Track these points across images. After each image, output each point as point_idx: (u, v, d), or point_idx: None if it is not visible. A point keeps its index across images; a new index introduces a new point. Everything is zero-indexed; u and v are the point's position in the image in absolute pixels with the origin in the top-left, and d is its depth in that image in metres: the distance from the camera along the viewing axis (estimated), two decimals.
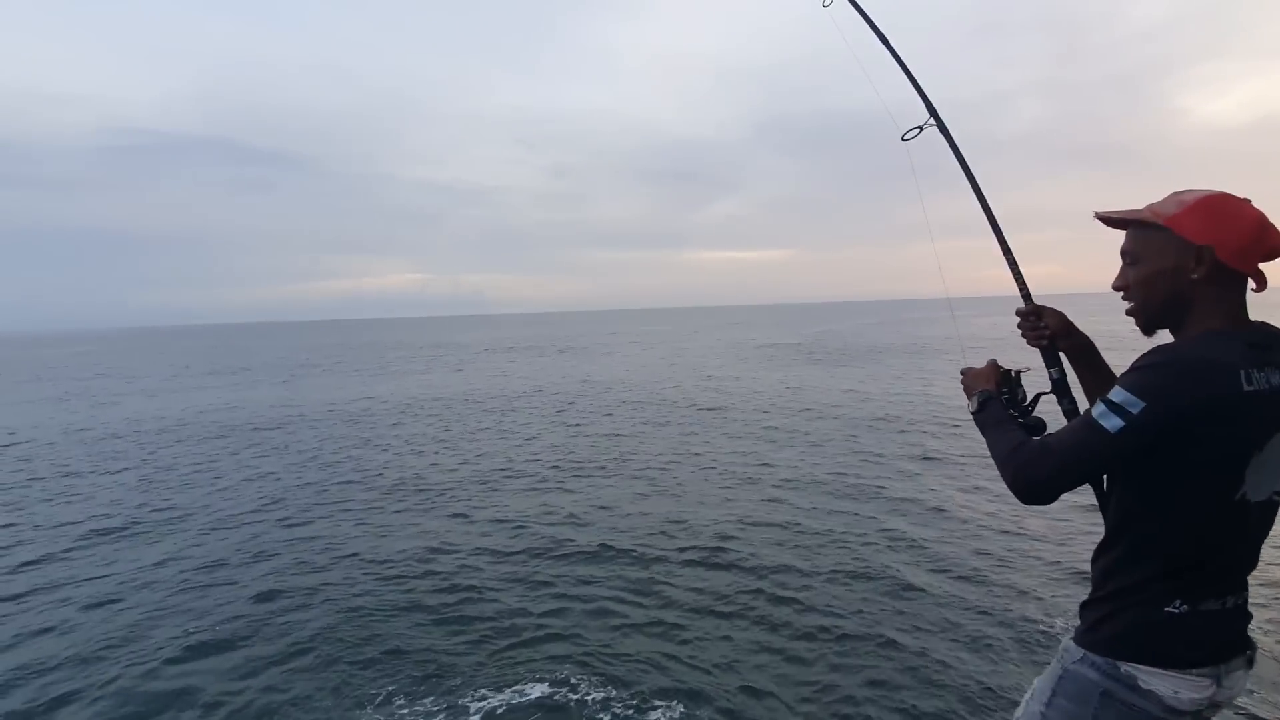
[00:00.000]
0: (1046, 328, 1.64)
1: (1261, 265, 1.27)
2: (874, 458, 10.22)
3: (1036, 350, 1.69)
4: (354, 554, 6.92)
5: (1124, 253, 1.38)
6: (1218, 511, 1.22)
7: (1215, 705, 1.30)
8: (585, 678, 4.52)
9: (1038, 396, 1.60)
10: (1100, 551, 1.37)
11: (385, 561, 6.66)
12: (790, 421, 13.73)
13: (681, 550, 6.68)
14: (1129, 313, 1.39)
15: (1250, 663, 1.33)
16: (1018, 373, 1.62)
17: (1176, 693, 1.25)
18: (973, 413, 1.54)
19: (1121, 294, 1.40)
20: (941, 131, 1.91)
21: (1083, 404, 1.56)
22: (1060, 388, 1.64)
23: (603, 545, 6.88)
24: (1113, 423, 1.18)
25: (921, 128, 1.92)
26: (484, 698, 4.32)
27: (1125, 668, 1.27)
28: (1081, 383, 1.64)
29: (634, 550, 6.72)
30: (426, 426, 14.94)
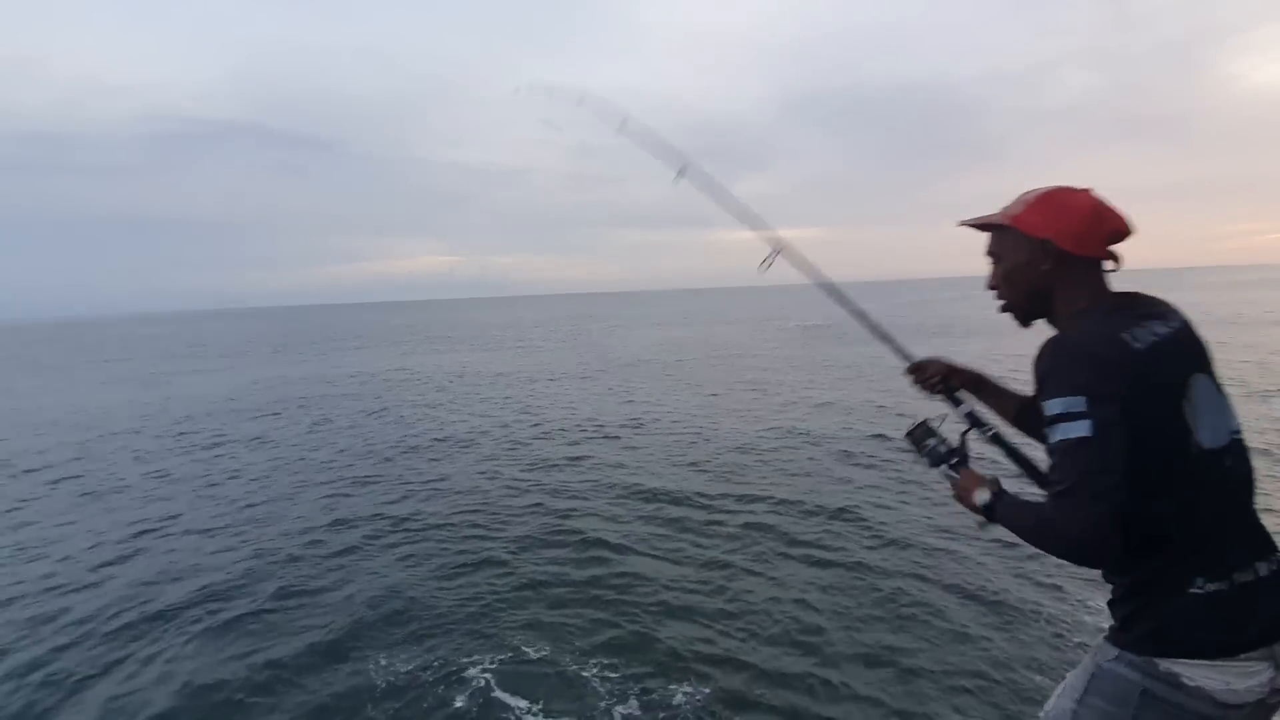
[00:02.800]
0: (934, 376, 1.75)
1: (1114, 246, 1.33)
2: (884, 443, 9.94)
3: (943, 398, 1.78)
4: (388, 516, 7.36)
5: (988, 254, 1.47)
6: (1184, 469, 1.20)
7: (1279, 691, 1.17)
8: (596, 645, 4.55)
9: (964, 435, 1.65)
10: None
11: (418, 522, 7.09)
12: (793, 402, 13.62)
13: (693, 515, 7.00)
14: (1002, 310, 1.48)
15: None
16: (939, 420, 1.68)
17: (1228, 684, 1.14)
18: (990, 520, 1.42)
19: (994, 293, 1.48)
20: (784, 257, 2.11)
21: (1001, 428, 1.68)
22: (974, 419, 1.71)
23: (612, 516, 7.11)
24: (1083, 428, 1.16)
25: (771, 258, 2.09)
26: (503, 659, 4.44)
27: (1165, 665, 1.19)
28: (992, 409, 1.72)
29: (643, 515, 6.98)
30: (475, 398, 15.71)
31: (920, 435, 1.65)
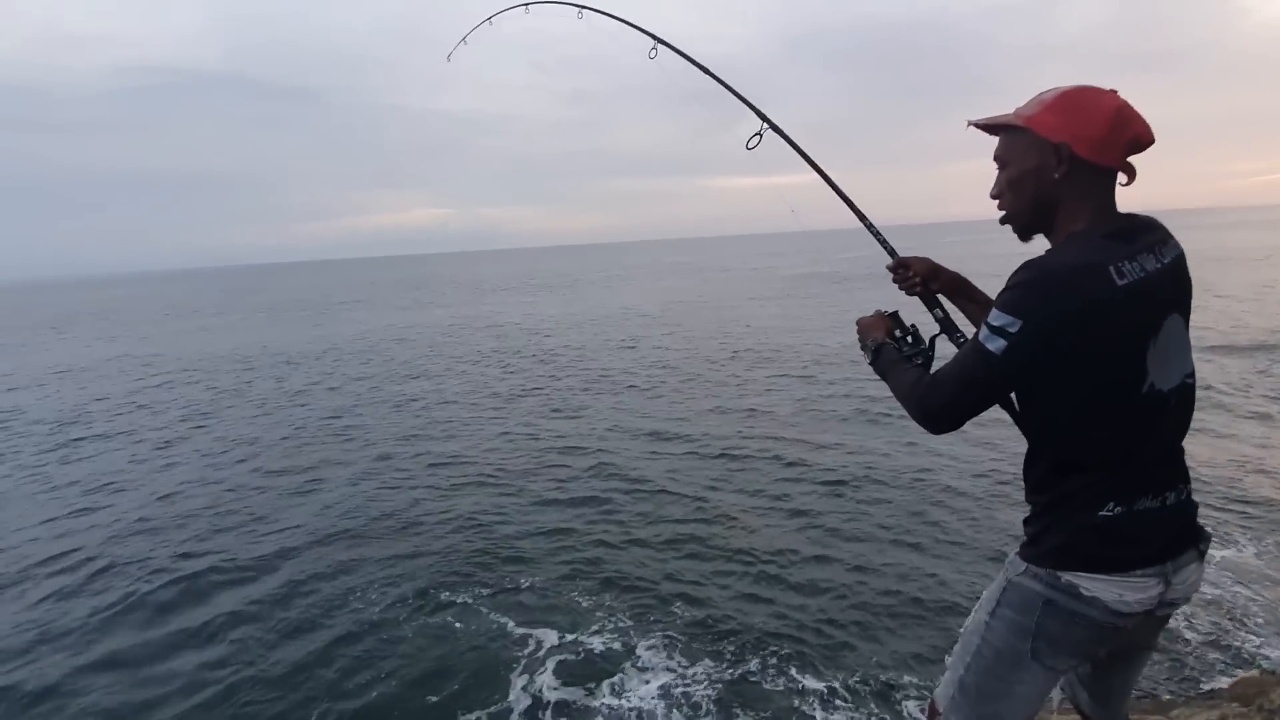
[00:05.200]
0: (916, 275, 1.70)
1: (1132, 158, 1.24)
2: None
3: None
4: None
5: (996, 159, 1.37)
6: (1130, 408, 1.21)
7: (1169, 604, 1.29)
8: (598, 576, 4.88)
9: (934, 339, 1.66)
10: (1028, 468, 1.36)
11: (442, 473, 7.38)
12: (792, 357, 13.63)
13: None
14: (1003, 220, 1.39)
15: (1202, 555, 1.31)
16: (914, 325, 1.66)
17: (1121, 596, 1.23)
18: (870, 363, 1.57)
19: (997, 202, 1.38)
20: (777, 133, 2.02)
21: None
22: (947, 325, 1.69)
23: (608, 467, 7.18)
24: (996, 345, 1.19)
25: (760, 134, 2.00)
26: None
27: (1066, 577, 1.26)
28: (965, 315, 1.70)
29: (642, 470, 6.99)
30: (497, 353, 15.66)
31: (889, 328, 1.64)
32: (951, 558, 4.97)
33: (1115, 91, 1.23)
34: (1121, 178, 1.25)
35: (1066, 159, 1.22)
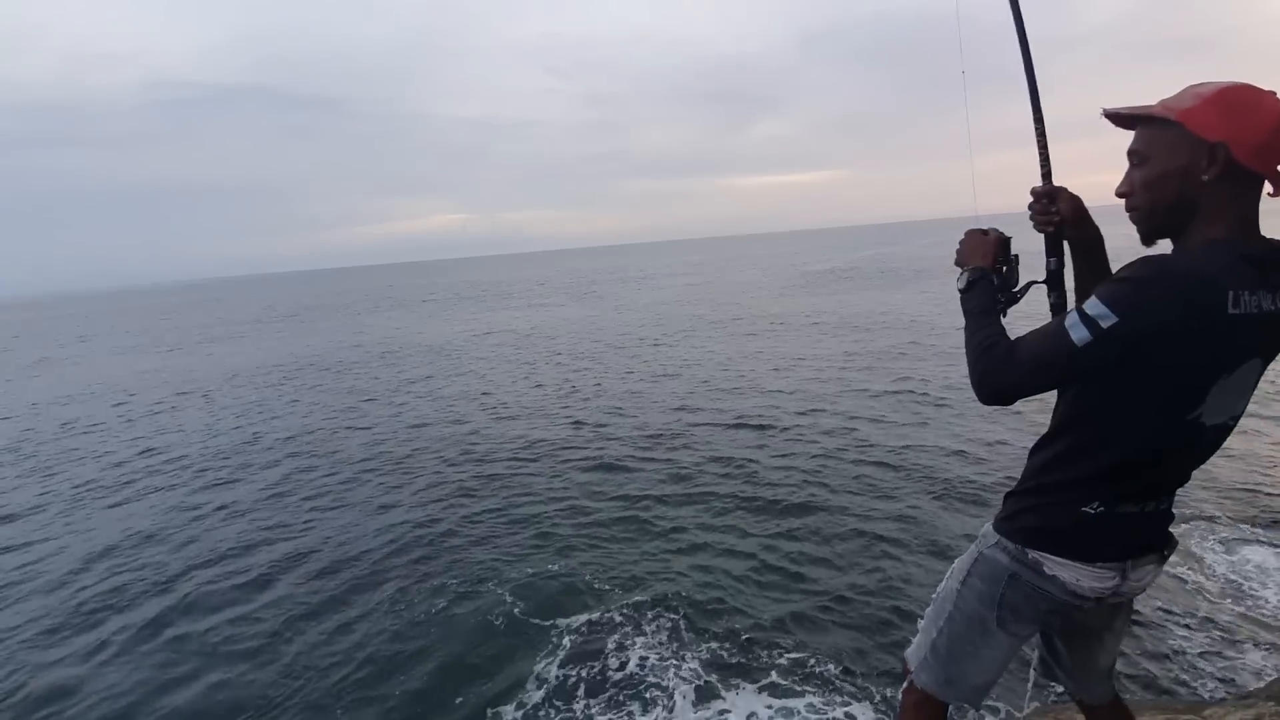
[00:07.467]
0: (1058, 213, 1.47)
1: None
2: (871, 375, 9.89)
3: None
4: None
5: (1131, 153, 1.26)
6: (1169, 429, 1.20)
7: (1120, 595, 1.34)
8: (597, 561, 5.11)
9: (1029, 284, 1.49)
10: (1039, 446, 1.36)
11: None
12: (798, 342, 13.65)
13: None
14: (1132, 220, 1.28)
15: (1163, 560, 1.36)
16: (1017, 256, 1.48)
17: (1078, 580, 1.31)
18: (960, 289, 1.46)
19: (1125, 200, 1.27)
20: None
21: (1073, 301, 1.41)
22: (1054, 280, 1.51)
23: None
24: (1080, 334, 1.14)
25: None
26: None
27: (1033, 554, 1.33)
28: (1076, 277, 1.51)
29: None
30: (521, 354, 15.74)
31: (997, 256, 1.48)
32: (934, 531, 5.23)
33: (1276, 93, 1.15)
34: (1268, 187, 1.16)
35: (1221, 160, 1.13)
